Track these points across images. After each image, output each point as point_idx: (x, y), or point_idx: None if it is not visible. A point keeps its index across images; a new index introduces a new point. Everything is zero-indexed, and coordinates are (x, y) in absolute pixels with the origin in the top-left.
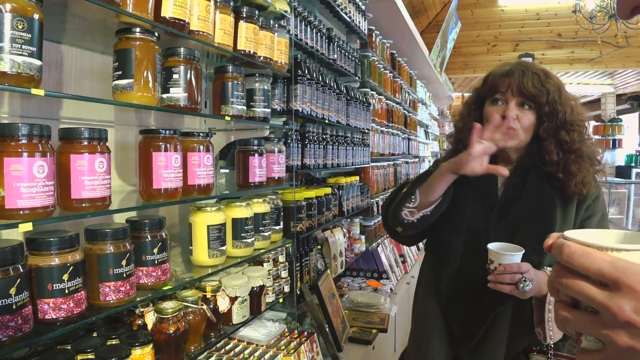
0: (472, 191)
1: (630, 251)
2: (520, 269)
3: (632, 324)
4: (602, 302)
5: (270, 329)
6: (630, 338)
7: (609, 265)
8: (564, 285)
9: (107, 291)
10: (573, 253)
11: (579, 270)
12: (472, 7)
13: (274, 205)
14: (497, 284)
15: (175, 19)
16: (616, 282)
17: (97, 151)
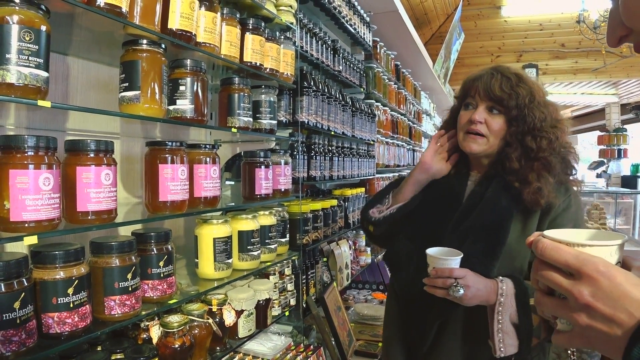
0: (438, 198)
1: (593, 246)
2: (452, 274)
3: (590, 306)
4: (567, 289)
5: (276, 343)
6: (589, 318)
7: (573, 258)
8: (540, 276)
9: (113, 305)
10: (545, 248)
11: (550, 262)
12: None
13: (280, 217)
14: (431, 287)
15: (182, 31)
16: (578, 272)
17: (103, 163)
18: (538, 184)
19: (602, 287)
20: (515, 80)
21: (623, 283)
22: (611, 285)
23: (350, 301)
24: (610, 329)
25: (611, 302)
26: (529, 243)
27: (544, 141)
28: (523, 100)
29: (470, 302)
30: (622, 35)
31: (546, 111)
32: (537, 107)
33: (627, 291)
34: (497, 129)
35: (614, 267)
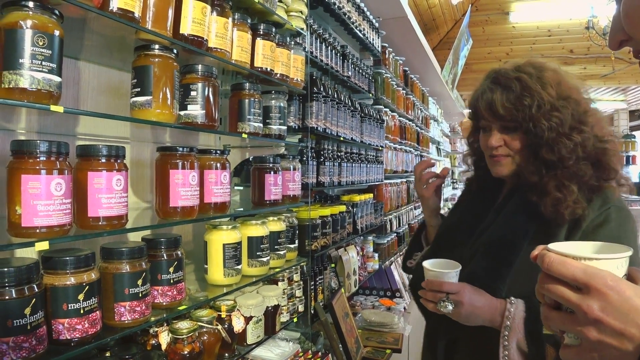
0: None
1: (600, 260)
2: (441, 287)
3: (599, 321)
4: (576, 303)
5: (284, 349)
6: (598, 333)
7: (580, 272)
8: (546, 290)
9: (123, 311)
10: (552, 262)
11: (557, 277)
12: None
13: (290, 223)
14: (424, 299)
15: (194, 36)
16: (587, 286)
17: (114, 169)
18: (558, 194)
19: (611, 302)
20: (518, 89)
21: (632, 297)
22: (621, 299)
23: (357, 307)
24: (621, 344)
25: (621, 317)
26: (534, 257)
27: (563, 150)
28: (530, 111)
29: (468, 320)
30: (623, 40)
31: (564, 112)
32: (548, 113)
33: (636, 305)
34: (518, 147)
35: (622, 281)
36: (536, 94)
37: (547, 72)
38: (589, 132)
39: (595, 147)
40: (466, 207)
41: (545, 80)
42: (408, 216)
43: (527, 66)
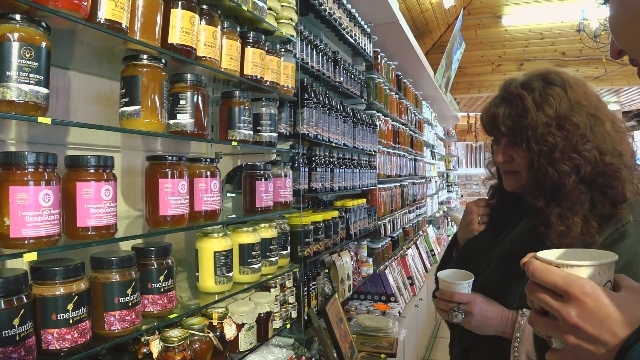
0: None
1: (581, 267)
2: (452, 297)
3: (577, 326)
4: (557, 309)
5: (277, 356)
6: (576, 338)
7: (561, 280)
8: (532, 296)
9: (112, 320)
10: (535, 269)
11: (540, 284)
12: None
13: (281, 230)
14: (437, 309)
15: (183, 46)
16: (566, 293)
17: (103, 179)
18: (561, 227)
19: (587, 309)
20: (519, 107)
21: (607, 304)
22: (597, 306)
23: (352, 312)
24: (596, 349)
25: (597, 323)
26: (523, 264)
27: (555, 175)
28: (526, 132)
29: (479, 330)
30: (621, 49)
31: (557, 137)
32: (540, 137)
33: (611, 312)
34: (522, 163)
35: (599, 289)
36: (530, 116)
37: (555, 87)
38: (585, 158)
39: (596, 172)
40: (489, 218)
41: (547, 98)
42: (402, 220)
43: (535, 80)
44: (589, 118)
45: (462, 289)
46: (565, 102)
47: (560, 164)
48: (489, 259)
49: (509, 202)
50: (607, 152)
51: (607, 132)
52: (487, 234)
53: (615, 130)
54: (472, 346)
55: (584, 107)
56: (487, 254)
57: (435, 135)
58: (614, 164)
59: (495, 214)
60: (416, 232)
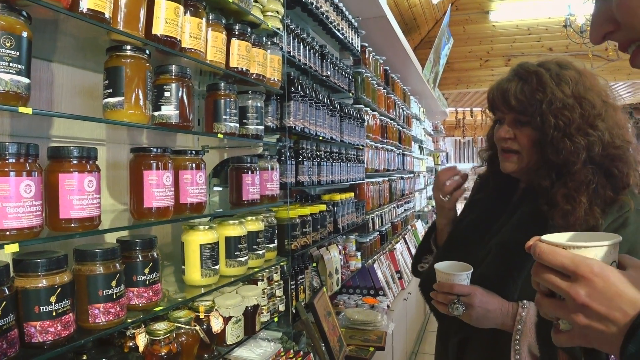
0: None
1: (588, 248)
2: (452, 289)
3: (586, 306)
4: (565, 290)
5: (265, 349)
6: (586, 318)
7: (568, 261)
8: (539, 278)
9: (97, 313)
10: (543, 251)
11: (548, 266)
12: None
13: (268, 223)
14: (435, 302)
15: (167, 37)
16: (574, 273)
17: (86, 170)
18: (567, 206)
19: (597, 288)
20: (534, 83)
21: (617, 283)
22: (605, 285)
23: (340, 306)
24: (606, 328)
25: (606, 302)
26: (528, 247)
27: (566, 151)
28: (540, 106)
29: (479, 323)
30: (608, 32)
31: (574, 112)
32: (558, 110)
33: (620, 290)
34: (526, 142)
35: (608, 268)
36: (549, 90)
37: (570, 70)
38: (598, 136)
39: (605, 154)
40: (480, 207)
41: (564, 78)
42: (390, 215)
43: (551, 62)
44: (603, 102)
45: (461, 281)
46: (581, 85)
47: (576, 137)
48: (487, 248)
49: (500, 192)
50: (617, 137)
51: (618, 119)
52: (478, 224)
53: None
54: (468, 339)
55: (597, 92)
56: (480, 244)
57: (423, 131)
58: (623, 148)
59: (486, 205)
60: (405, 226)
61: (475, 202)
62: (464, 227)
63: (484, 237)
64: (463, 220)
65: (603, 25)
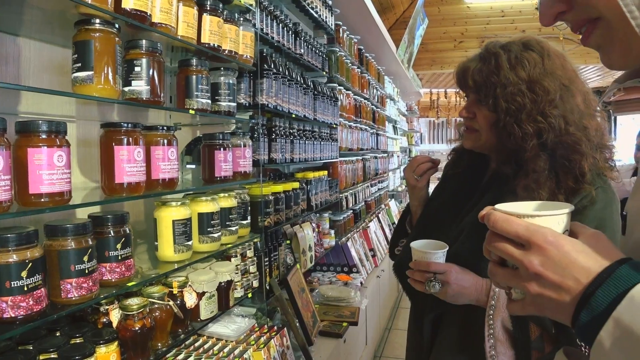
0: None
1: (541, 217)
2: (429, 267)
3: (540, 275)
4: (518, 259)
5: (239, 325)
6: (539, 287)
7: (523, 229)
8: (492, 247)
9: (69, 288)
10: (497, 220)
11: (502, 234)
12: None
13: (241, 199)
14: (412, 280)
15: (136, 11)
16: (528, 242)
17: (55, 144)
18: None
19: (550, 256)
20: (492, 65)
21: (570, 251)
22: (559, 253)
23: (315, 283)
24: (559, 296)
25: (559, 270)
26: (481, 217)
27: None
28: (494, 90)
29: (455, 300)
30: (560, 12)
31: (526, 98)
32: (510, 95)
33: (573, 259)
34: (483, 123)
35: (561, 236)
36: (503, 74)
37: (532, 52)
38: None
39: (558, 141)
40: (453, 185)
41: (522, 60)
42: (364, 193)
43: (515, 43)
44: (561, 87)
45: (437, 259)
46: (540, 68)
47: (525, 124)
48: (460, 227)
49: (473, 170)
50: (572, 123)
51: (576, 104)
52: (451, 203)
53: (585, 105)
54: (443, 316)
55: (558, 77)
56: (453, 222)
57: (397, 111)
58: (577, 135)
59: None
60: (378, 205)
61: (447, 179)
62: (437, 205)
63: (457, 215)
64: (435, 199)
65: (554, 6)
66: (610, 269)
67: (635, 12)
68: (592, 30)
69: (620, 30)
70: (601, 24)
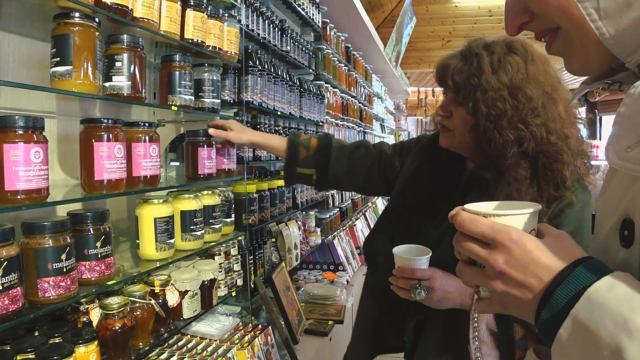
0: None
1: (507, 216)
2: (414, 274)
3: (504, 273)
4: (484, 257)
5: (224, 323)
6: (504, 285)
7: (488, 228)
8: (460, 247)
9: (46, 287)
10: (463, 220)
11: (469, 234)
12: (427, 3)
13: (225, 197)
14: (395, 287)
15: (117, 5)
16: (493, 241)
17: (32, 140)
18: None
19: (514, 255)
20: (474, 66)
21: (533, 250)
22: (522, 252)
23: (300, 281)
24: (522, 294)
25: (522, 269)
26: (451, 216)
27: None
28: (475, 93)
29: (439, 305)
30: (524, 23)
31: (509, 103)
32: (491, 100)
33: (536, 258)
34: (459, 124)
35: (525, 235)
36: (484, 77)
37: (516, 56)
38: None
39: (539, 150)
40: (429, 179)
41: (505, 64)
42: (351, 192)
43: (499, 44)
44: (543, 95)
45: (422, 265)
46: (523, 74)
47: (506, 131)
48: (440, 231)
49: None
50: (554, 132)
51: (558, 112)
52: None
53: (566, 113)
54: (426, 320)
55: (540, 83)
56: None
57: (385, 109)
58: (558, 145)
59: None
60: (365, 203)
61: (424, 172)
62: (412, 198)
63: (434, 214)
64: (409, 191)
65: (518, 16)
66: (569, 268)
67: (594, 15)
68: (554, 39)
69: (578, 39)
70: (561, 34)
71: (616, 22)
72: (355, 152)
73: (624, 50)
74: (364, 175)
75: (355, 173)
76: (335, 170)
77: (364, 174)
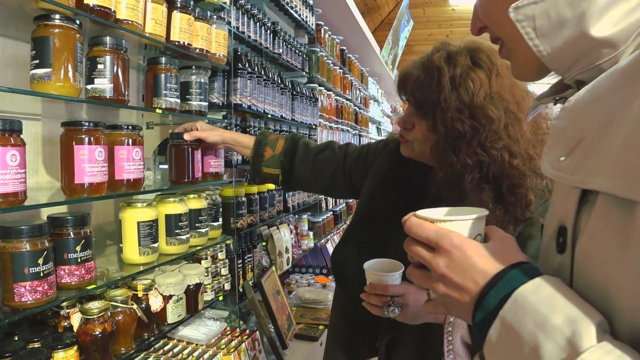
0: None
1: (452, 221)
2: (386, 291)
3: (445, 276)
4: (428, 261)
5: (210, 328)
6: (445, 287)
7: (432, 233)
8: (409, 250)
9: (23, 292)
10: (412, 225)
11: (416, 238)
12: (424, 6)
13: (212, 200)
14: (367, 304)
15: (100, 7)
16: (437, 245)
17: (9, 144)
18: None
19: (454, 259)
20: (434, 81)
21: (472, 255)
22: (462, 257)
23: (292, 285)
24: (461, 297)
25: (461, 272)
26: (403, 222)
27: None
28: (434, 110)
29: (413, 321)
30: (482, 27)
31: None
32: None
33: (475, 262)
34: (419, 137)
35: (467, 241)
36: (443, 96)
37: (479, 71)
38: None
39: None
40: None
41: (467, 81)
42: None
43: (463, 56)
44: (507, 114)
45: (395, 281)
46: (485, 91)
47: (464, 155)
48: None
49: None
50: (517, 155)
51: (522, 132)
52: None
53: (532, 132)
54: (398, 337)
55: (504, 101)
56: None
57: (381, 112)
58: (521, 169)
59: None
60: None
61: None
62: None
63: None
64: (377, 199)
65: (476, 22)
66: (503, 272)
67: (531, 34)
68: (501, 46)
69: (515, 50)
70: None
71: (551, 41)
72: (320, 154)
73: (560, 67)
74: (328, 177)
75: (319, 175)
76: (300, 171)
77: (328, 177)
